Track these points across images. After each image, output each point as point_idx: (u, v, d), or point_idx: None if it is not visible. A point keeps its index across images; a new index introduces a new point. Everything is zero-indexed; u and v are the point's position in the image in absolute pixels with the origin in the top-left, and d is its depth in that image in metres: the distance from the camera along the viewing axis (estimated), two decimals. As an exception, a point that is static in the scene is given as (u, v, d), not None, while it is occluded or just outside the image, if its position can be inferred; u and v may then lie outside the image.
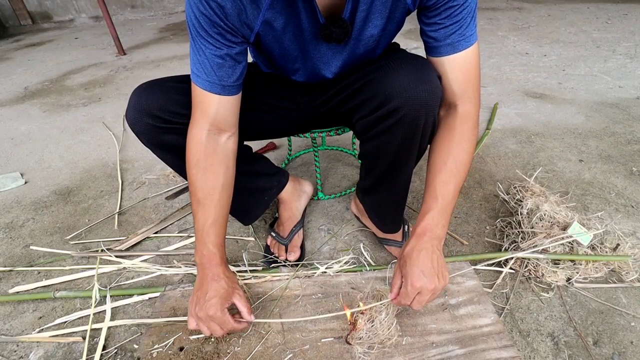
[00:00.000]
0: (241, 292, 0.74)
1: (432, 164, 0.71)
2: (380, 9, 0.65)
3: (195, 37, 0.64)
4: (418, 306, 0.67)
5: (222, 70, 0.66)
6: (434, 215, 0.68)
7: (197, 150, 0.71)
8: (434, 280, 0.64)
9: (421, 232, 0.68)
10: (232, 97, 0.70)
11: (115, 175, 1.48)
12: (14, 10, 4.60)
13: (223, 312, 0.68)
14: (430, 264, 0.65)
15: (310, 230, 1.14)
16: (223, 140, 0.73)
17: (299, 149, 1.58)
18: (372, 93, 0.69)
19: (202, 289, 0.70)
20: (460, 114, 0.70)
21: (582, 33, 2.95)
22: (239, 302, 0.72)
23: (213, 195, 0.72)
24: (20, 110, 2.23)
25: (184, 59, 2.94)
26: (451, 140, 0.70)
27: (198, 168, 0.72)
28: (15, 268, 1.06)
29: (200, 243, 0.73)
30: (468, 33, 0.66)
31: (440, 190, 0.68)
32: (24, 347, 0.84)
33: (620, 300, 0.86)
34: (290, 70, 0.80)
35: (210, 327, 0.69)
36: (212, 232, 0.72)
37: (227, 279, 0.72)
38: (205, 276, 0.71)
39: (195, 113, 0.71)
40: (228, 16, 0.61)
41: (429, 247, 0.66)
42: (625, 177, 1.27)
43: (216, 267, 0.72)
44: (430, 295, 0.66)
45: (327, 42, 0.69)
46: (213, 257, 0.72)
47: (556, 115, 1.73)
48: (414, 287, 0.65)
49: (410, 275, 0.65)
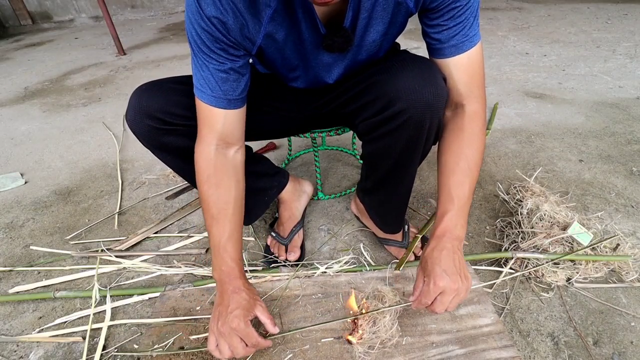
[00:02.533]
0: (263, 304, 0.71)
1: (444, 166, 0.70)
2: (381, 14, 0.65)
3: (197, 53, 0.64)
4: (441, 308, 0.64)
5: (226, 85, 0.66)
6: (452, 217, 0.66)
7: (207, 167, 0.71)
8: (456, 280, 0.63)
9: (441, 233, 0.66)
10: (238, 110, 0.70)
11: (115, 175, 1.48)
12: (14, 10, 4.60)
13: (246, 323, 0.65)
14: (452, 263, 0.63)
15: (310, 230, 1.14)
16: (231, 154, 0.73)
17: (299, 149, 1.58)
18: (377, 95, 0.69)
19: (223, 304, 0.67)
20: (468, 113, 0.69)
21: (582, 33, 2.95)
22: (261, 314, 0.69)
23: (227, 210, 0.71)
24: (20, 110, 2.23)
25: (184, 59, 2.94)
26: (462, 141, 0.69)
27: (210, 184, 0.71)
28: (15, 268, 1.06)
29: (218, 259, 0.71)
30: (471, 33, 0.65)
31: (455, 192, 0.67)
32: (24, 347, 0.84)
33: (620, 300, 0.86)
34: (292, 78, 0.79)
35: (233, 343, 0.64)
36: (229, 247, 0.71)
37: (249, 291, 0.70)
38: (225, 290, 0.68)
39: (202, 129, 0.70)
40: (230, 31, 0.60)
41: (449, 247, 0.65)
42: (625, 177, 1.27)
43: (236, 281, 0.69)
44: (453, 296, 0.63)
45: (330, 52, 0.69)
46: (232, 271, 0.70)
47: (556, 115, 1.73)
48: (437, 285, 0.62)
49: (433, 275, 0.63)
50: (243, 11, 0.59)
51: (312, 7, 0.61)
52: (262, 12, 0.60)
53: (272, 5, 0.60)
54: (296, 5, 0.61)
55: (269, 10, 0.60)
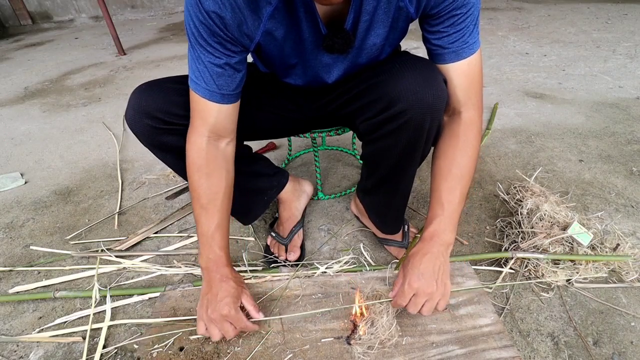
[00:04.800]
0: (248, 291, 0.75)
1: (436, 171, 0.71)
2: (382, 18, 0.64)
3: (194, 45, 0.64)
4: (414, 309, 0.67)
5: (221, 79, 0.66)
6: (441, 222, 0.68)
7: (198, 157, 0.71)
8: (431, 284, 0.65)
9: (428, 236, 0.68)
10: (232, 105, 0.70)
11: (115, 175, 1.48)
12: (14, 10, 4.60)
13: (237, 310, 0.69)
14: (432, 268, 0.65)
15: (310, 230, 1.14)
16: (223, 145, 0.74)
17: (299, 149, 1.58)
18: (378, 95, 0.69)
19: (211, 292, 0.70)
20: (464, 121, 0.70)
21: (582, 33, 2.95)
22: (246, 302, 0.73)
23: (216, 200, 0.73)
24: (20, 110, 2.23)
25: (184, 59, 2.94)
26: (455, 147, 0.70)
27: (200, 174, 0.72)
28: (15, 268, 1.06)
29: (206, 247, 0.73)
30: (471, 40, 0.65)
31: (446, 197, 0.68)
32: (24, 347, 0.84)
33: (620, 300, 0.86)
34: (290, 76, 0.79)
35: (223, 328, 0.68)
36: (217, 236, 0.73)
37: (235, 278, 0.73)
38: (213, 279, 0.71)
39: (195, 120, 0.71)
40: (228, 27, 0.60)
41: (434, 251, 0.67)
42: (625, 177, 1.27)
43: (223, 269, 0.72)
44: (426, 299, 0.66)
45: (330, 53, 0.69)
46: (219, 259, 0.72)
47: (556, 115, 1.73)
48: (410, 287, 0.65)
49: (409, 275, 0.66)
50: (242, 7, 0.59)
51: (314, 6, 0.61)
52: (262, 9, 0.60)
53: (273, 3, 0.60)
54: (297, 4, 0.61)
55: (269, 8, 0.60)
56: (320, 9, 0.62)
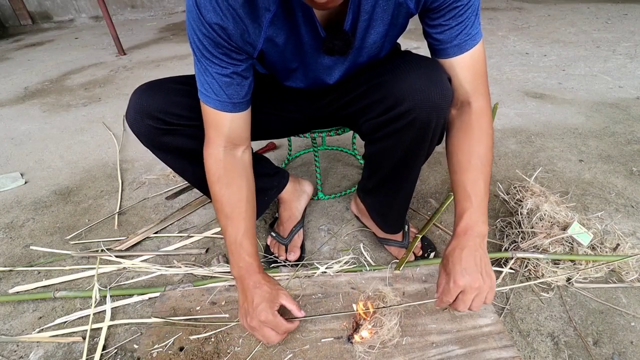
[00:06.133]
0: (285, 292, 0.73)
1: (456, 164, 0.69)
2: (381, 15, 0.64)
3: (200, 59, 0.64)
4: (463, 307, 0.64)
5: (230, 88, 0.66)
6: (472, 214, 0.66)
7: (217, 168, 0.71)
8: (477, 278, 0.62)
9: (462, 231, 0.66)
10: (244, 112, 0.70)
11: (115, 175, 1.48)
12: (14, 10, 4.60)
13: (274, 314, 0.68)
14: (473, 261, 0.63)
15: (310, 230, 1.14)
16: (239, 154, 0.74)
17: (299, 149, 1.58)
18: (382, 95, 0.69)
19: (247, 300, 0.69)
20: (474, 110, 0.69)
21: (582, 33, 2.95)
22: (286, 302, 0.72)
23: (240, 208, 0.72)
24: (20, 110, 2.23)
25: (184, 59, 2.94)
26: (471, 138, 0.69)
27: (221, 184, 0.72)
28: (15, 268, 1.06)
29: (236, 256, 0.72)
30: (473, 32, 0.65)
31: (471, 189, 0.66)
32: (24, 347, 0.84)
33: (620, 300, 0.86)
34: (291, 79, 0.79)
35: (265, 334, 0.68)
36: (245, 244, 0.72)
37: (269, 283, 0.72)
38: (247, 287, 0.70)
39: (209, 132, 0.71)
40: (231, 37, 0.60)
41: (471, 245, 0.64)
42: (625, 177, 1.27)
43: (255, 275, 0.71)
44: (475, 294, 0.63)
45: (330, 56, 0.69)
46: (250, 267, 0.71)
47: (556, 115, 1.73)
48: (456, 284, 0.62)
49: (453, 273, 0.63)
50: (243, 16, 0.59)
51: (312, 10, 0.61)
52: (262, 16, 0.60)
53: (272, 10, 0.60)
54: (296, 9, 0.61)
55: (268, 15, 0.60)
56: (318, 13, 0.62)
